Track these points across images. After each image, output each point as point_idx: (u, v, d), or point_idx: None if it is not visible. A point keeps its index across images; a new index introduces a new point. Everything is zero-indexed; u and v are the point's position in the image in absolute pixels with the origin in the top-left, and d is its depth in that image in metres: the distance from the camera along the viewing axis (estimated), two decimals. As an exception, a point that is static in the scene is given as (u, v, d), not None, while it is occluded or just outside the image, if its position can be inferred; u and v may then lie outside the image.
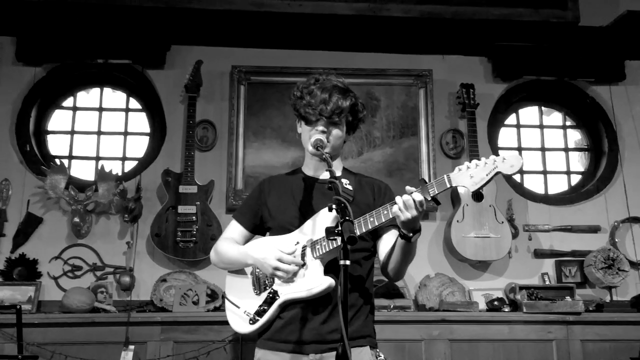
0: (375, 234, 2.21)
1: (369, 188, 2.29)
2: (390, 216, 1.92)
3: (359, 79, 4.28)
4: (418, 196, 1.82)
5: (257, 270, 2.23)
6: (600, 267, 4.02)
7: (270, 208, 2.30)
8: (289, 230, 2.21)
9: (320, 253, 2.04)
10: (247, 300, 2.23)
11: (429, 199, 1.85)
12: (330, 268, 2.05)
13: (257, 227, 2.37)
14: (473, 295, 3.98)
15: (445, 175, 1.85)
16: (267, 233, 2.35)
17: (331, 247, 1.99)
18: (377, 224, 1.98)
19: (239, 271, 2.33)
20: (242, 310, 2.22)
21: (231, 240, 2.35)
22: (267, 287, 2.17)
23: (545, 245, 4.23)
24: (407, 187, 1.88)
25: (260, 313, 2.15)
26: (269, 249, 2.14)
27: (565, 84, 4.59)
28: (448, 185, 1.83)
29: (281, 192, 2.31)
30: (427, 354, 3.55)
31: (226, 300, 2.30)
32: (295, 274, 2.10)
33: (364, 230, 2.01)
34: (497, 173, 1.77)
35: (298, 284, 2.08)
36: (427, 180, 1.88)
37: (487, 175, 1.77)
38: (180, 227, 3.89)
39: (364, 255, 2.21)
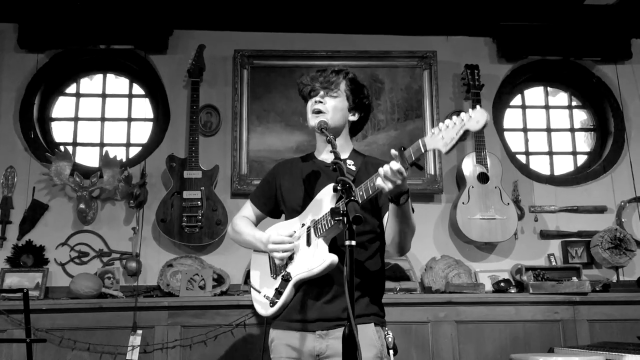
0: (379, 214, 2.21)
1: (375, 169, 2.29)
2: (377, 188, 1.94)
3: (363, 61, 4.28)
4: (395, 165, 1.86)
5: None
6: (606, 247, 4.01)
7: (283, 192, 2.36)
8: (298, 213, 2.25)
9: (322, 232, 2.07)
10: (266, 284, 2.29)
11: (407, 167, 1.87)
12: (333, 250, 2.06)
13: (273, 211, 2.43)
14: (479, 277, 3.98)
15: (419, 140, 1.87)
16: (283, 216, 2.40)
17: (330, 226, 2.02)
18: (365, 197, 2.00)
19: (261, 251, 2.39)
20: (262, 295, 2.27)
21: (248, 220, 2.44)
22: (282, 271, 2.21)
23: (551, 226, 4.22)
24: (392, 150, 1.91)
25: (277, 295, 2.20)
26: (269, 233, 2.23)
27: (570, 64, 4.55)
28: (423, 150, 1.85)
29: (293, 176, 2.36)
30: (433, 336, 3.56)
31: (251, 288, 2.37)
32: (303, 254, 2.14)
33: None
34: (466, 131, 1.78)
35: (306, 263, 2.11)
36: (404, 147, 1.91)
37: (456, 134, 1.78)
38: (185, 213, 3.89)
39: (369, 237, 2.21)
